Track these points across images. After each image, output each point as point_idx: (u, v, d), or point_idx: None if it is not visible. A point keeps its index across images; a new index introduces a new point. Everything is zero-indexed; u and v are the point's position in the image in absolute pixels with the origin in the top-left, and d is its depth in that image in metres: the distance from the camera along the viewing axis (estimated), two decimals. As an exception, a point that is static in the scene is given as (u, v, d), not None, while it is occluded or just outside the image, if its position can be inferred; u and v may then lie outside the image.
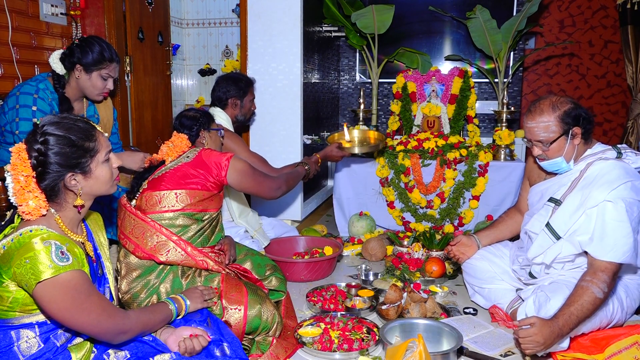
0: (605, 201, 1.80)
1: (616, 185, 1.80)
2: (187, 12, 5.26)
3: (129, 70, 3.56)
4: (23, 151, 1.26)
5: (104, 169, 1.35)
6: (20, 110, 2.23)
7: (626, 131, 4.34)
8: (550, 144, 1.93)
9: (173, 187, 1.89)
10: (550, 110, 1.92)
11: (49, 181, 1.27)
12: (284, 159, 3.42)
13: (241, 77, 2.91)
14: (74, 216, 1.35)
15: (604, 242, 1.79)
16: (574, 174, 1.97)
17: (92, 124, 1.36)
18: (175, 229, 1.85)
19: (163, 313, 1.50)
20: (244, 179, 2.01)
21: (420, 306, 2.21)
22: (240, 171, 1.98)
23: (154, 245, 1.81)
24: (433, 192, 3.41)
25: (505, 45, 3.82)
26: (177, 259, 1.83)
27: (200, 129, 2.18)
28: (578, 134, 1.92)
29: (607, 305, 1.88)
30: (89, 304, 1.24)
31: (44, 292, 1.20)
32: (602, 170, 1.88)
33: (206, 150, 1.99)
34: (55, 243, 1.22)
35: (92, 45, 2.29)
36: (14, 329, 1.28)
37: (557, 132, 1.91)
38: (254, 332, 1.83)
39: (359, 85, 4.62)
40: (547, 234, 1.97)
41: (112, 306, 1.33)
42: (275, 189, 2.18)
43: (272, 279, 2.13)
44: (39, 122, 1.31)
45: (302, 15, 3.32)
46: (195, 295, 1.67)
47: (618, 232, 1.77)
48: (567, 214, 1.91)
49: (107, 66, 2.32)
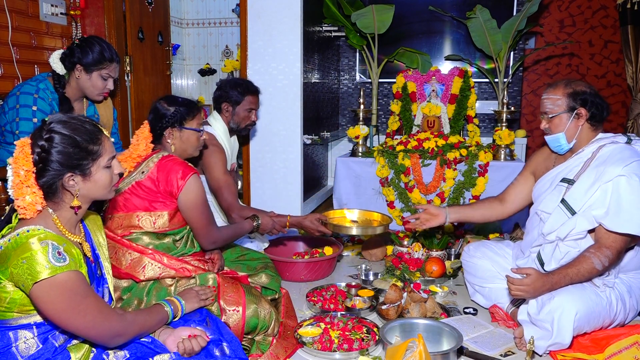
0: (619, 176, 1.87)
1: (630, 162, 1.88)
2: (187, 12, 5.26)
3: (129, 70, 3.56)
4: (27, 146, 1.26)
5: (105, 173, 1.35)
6: (20, 110, 2.23)
7: (626, 131, 4.34)
8: (552, 117, 2.04)
9: (131, 209, 1.79)
10: (562, 87, 2.05)
11: (48, 179, 1.27)
12: (284, 159, 3.42)
13: (243, 83, 2.68)
14: (71, 217, 1.35)
15: (620, 215, 1.84)
16: (586, 155, 2.04)
17: (100, 128, 1.36)
18: (147, 244, 1.79)
19: (159, 315, 1.49)
20: (191, 209, 1.82)
21: (420, 306, 2.21)
22: (192, 198, 1.80)
23: (128, 264, 1.76)
24: (433, 192, 3.41)
25: (505, 45, 3.82)
26: (155, 273, 1.77)
27: (166, 127, 1.91)
28: (582, 115, 2.02)
29: (610, 306, 1.89)
30: (85, 306, 1.24)
31: (41, 292, 1.20)
32: (614, 151, 1.96)
33: (163, 162, 1.80)
34: (52, 243, 1.22)
35: (92, 45, 2.28)
36: (12, 330, 1.28)
37: (562, 108, 2.03)
38: (253, 331, 1.82)
39: (359, 85, 4.62)
40: (562, 210, 2.00)
41: (108, 308, 1.32)
42: (211, 242, 1.92)
43: (263, 275, 2.10)
44: (48, 119, 1.31)
45: (302, 15, 3.32)
46: (191, 295, 1.65)
47: (634, 204, 1.83)
48: (582, 189, 1.96)
49: (107, 66, 2.31)
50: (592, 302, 1.84)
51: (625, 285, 1.96)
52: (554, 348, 1.87)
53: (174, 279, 1.81)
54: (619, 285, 1.95)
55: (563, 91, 2.03)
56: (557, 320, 1.81)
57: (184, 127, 1.93)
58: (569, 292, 1.84)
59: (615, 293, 1.91)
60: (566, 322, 1.80)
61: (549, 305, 1.83)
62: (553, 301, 1.83)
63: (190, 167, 1.83)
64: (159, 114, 1.92)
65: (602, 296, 1.88)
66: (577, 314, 1.80)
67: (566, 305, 1.80)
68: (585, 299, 1.84)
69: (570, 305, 1.80)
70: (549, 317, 1.82)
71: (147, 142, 1.81)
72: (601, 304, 1.86)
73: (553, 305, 1.82)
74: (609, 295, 1.89)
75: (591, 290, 1.88)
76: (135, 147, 1.80)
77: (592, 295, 1.86)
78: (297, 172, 3.45)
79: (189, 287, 1.74)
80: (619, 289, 1.93)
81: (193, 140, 1.97)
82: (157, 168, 1.79)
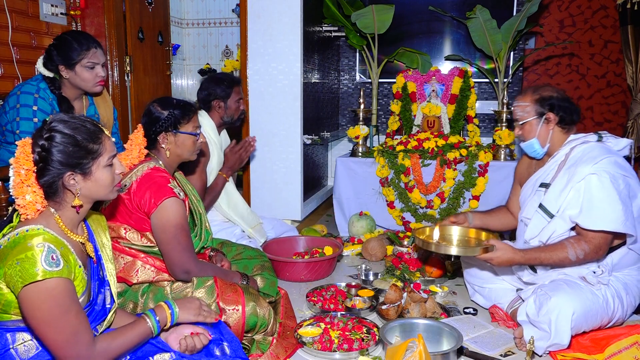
0: (590, 174, 1.90)
1: (599, 159, 1.92)
2: (187, 12, 5.26)
3: (129, 70, 3.56)
4: (28, 145, 1.26)
5: (105, 172, 1.34)
6: (20, 109, 2.22)
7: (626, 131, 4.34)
8: (523, 124, 2.12)
9: (118, 220, 1.77)
10: (530, 94, 2.12)
11: (48, 178, 1.27)
12: (284, 159, 3.42)
13: (224, 77, 2.77)
14: (73, 216, 1.34)
15: (592, 212, 1.87)
16: (559, 158, 2.08)
17: (101, 127, 1.35)
18: (141, 248, 1.79)
19: (139, 336, 1.36)
20: (164, 230, 1.72)
21: (420, 306, 2.21)
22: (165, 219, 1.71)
23: (122, 268, 1.75)
24: (433, 192, 3.41)
25: (505, 45, 3.82)
26: (149, 277, 1.76)
27: (160, 132, 1.83)
28: (551, 120, 2.08)
29: (607, 304, 1.90)
30: (62, 323, 1.20)
31: (27, 296, 1.18)
32: (585, 151, 2.00)
33: (144, 179, 1.74)
34: (48, 246, 1.21)
35: (65, 41, 2.26)
36: (10, 332, 1.27)
37: (531, 114, 2.10)
38: (252, 330, 1.82)
39: (359, 85, 4.62)
40: (540, 214, 2.05)
41: (83, 332, 1.25)
42: (183, 270, 1.76)
43: (259, 278, 2.09)
44: (49, 119, 1.31)
45: (302, 15, 3.32)
46: (192, 306, 1.50)
47: (605, 202, 1.86)
48: (556, 192, 2.01)
49: (85, 55, 2.26)
50: (588, 301, 1.85)
51: (621, 283, 1.97)
52: (553, 348, 1.87)
53: (169, 281, 1.81)
54: (615, 283, 1.95)
55: (531, 98, 2.10)
56: (555, 320, 1.81)
57: (179, 131, 1.85)
58: (565, 293, 1.85)
59: (611, 291, 1.92)
60: (563, 322, 1.81)
61: (546, 306, 1.84)
62: (550, 302, 1.83)
63: (169, 189, 1.74)
64: (152, 117, 1.83)
65: (598, 294, 1.89)
66: (574, 313, 1.81)
67: (563, 306, 1.81)
68: (582, 298, 1.84)
69: (567, 306, 1.81)
70: (546, 318, 1.83)
71: (141, 149, 1.74)
72: (598, 303, 1.87)
73: (550, 306, 1.83)
74: (604, 293, 1.90)
75: (587, 290, 1.89)
76: (127, 154, 1.73)
77: (589, 294, 1.87)
78: (297, 172, 3.45)
79: (193, 297, 1.64)
80: (614, 287, 1.94)
81: (189, 145, 1.88)
82: (137, 182, 1.75)
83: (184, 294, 1.78)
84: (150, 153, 1.87)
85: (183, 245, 1.75)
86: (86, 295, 1.33)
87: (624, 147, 2.05)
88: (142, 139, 1.75)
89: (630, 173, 1.96)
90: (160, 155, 1.88)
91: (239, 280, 1.94)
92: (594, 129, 4.74)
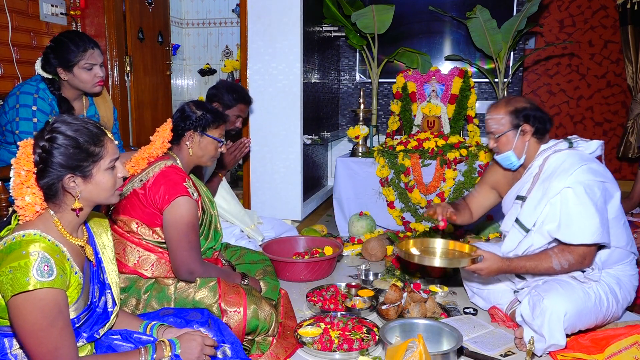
0: (565, 188, 1.89)
1: (572, 171, 1.90)
2: (187, 12, 5.26)
3: (129, 70, 3.56)
4: (29, 146, 1.25)
5: (106, 176, 1.32)
6: (20, 109, 2.22)
7: (626, 131, 4.35)
8: (499, 136, 2.08)
9: (132, 214, 1.80)
10: (504, 105, 2.08)
11: (48, 179, 1.25)
12: (284, 159, 3.42)
13: (239, 90, 2.75)
14: (72, 219, 1.32)
15: (571, 227, 1.87)
16: (534, 170, 2.07)
17: (104, 130, 1.34)
18: (156, 243, 1.82)
19: None
20: (174, 227, 1.74)
21: (420, 306, 2.22)
22: (177, 216, 1.74)
23: (136, 261, 1.79)
24: (433, 192, 3.41)
25: (505, 45, 3.82)
26: (164, 271, 1.80)
27: (189, 129, 1.90)
28: (527, 131, 2.05)
29: (600, 301, 1.91)
30: (45, 335, 1.17)
31: (14, 305, 1.16)
32: (558, 161, 1.98)
33: (161, 174, 1.78)
34: (43, 255, 1.18)
35: (61, 43, 2.24)
36: (7, 337, 1.26)
37: (507, 126, 2.06)
38: (253, 332, 1.82)
39: (359, 85, 4.62)
40: (516, 229, 2.06)
41: (67, 347, 1.21)
42: (187, 271, 1.77)
43: (261, 282, 2.08)
44: (51, 120, 1.29)
45: (302, 15, 3.32)
46: (194, 344, 1.40)
47: (583, 215, 1.85)
48: (531, 206, 2.01)
49: (82, 57, 2.24)
50: (580, 300, 1.86)
51: (614, 278, 1.97)
52: (552, 349, 1.87)
53: (175, 278, 1.82)
54: (607, 279, 1.96)
55: (505, 110, 2.06)
56: (547, 322, 1.82)
57: (206, 133, 1.91)
58: (557, 293, 1.85)
59: (603, 288, 1.92)
60: (556, 323, 1.81)
61: (539, 307, 1.84)
62: (542, 303, 1.84)
63: (184, 188, 1.77)
64: (185, 114, 1.90)
65: (591, 293, 1.89)
66: (567, 314, 1.82)
67: (554, 307, 1.82)
68: (574, 297, 1.85)
69: (559, 307, 1.82)
70: (539, 320, 1.84)
71: (164, 142, 1.80)
72: (590, 300, 1.88)
73: (543, 307, 1.83)
74: (596, 290, 1.91)
75: (580, 288, 1.89)
76: (151, 145, 1.80)
77: (580, 293, 1.87)
78: (297, 172, 3.45)
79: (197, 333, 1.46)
80: (607, 283, 1.95)
81: (211, 149, 1.94)
82: (154, 178, 1.77)
83: (187, 294, 1.79)
84: (170, 152, 1.91)
85: (192, 244, 1.79)
86: (82, 300, 1.31)
87: (595, 149, 2.03)
88: (168, 132, 1.81)
89: (606, 176, 1.95)
90: (182, 152, 1.92)
91: (239, 281, 1.95)
92: (594, 129, 4.74)
